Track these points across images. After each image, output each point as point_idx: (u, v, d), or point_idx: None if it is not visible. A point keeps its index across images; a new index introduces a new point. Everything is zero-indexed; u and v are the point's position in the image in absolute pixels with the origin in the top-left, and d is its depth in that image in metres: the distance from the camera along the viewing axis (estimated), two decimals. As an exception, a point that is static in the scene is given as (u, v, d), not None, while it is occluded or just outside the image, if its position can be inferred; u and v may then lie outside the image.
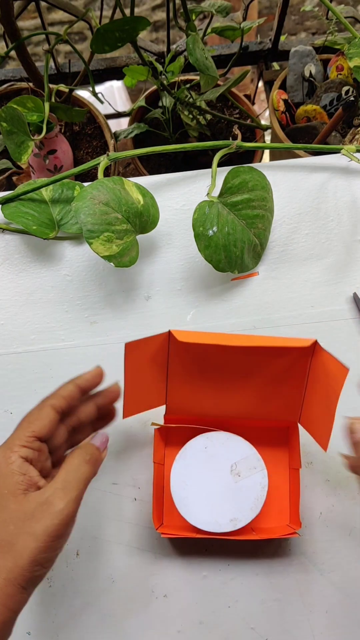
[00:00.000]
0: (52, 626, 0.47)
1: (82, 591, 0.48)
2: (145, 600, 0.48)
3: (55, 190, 0.55)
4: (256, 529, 0.47)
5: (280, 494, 0.48)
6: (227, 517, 0.45)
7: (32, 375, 0.52)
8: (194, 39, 0.63)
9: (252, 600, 0.47)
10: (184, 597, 0.48)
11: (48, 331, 0.53)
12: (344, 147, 0.53)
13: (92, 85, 0.77)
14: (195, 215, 0.48)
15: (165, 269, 0.54)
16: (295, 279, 0.54)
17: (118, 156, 0.53)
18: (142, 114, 0.93)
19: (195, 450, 0.47)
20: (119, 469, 0.50)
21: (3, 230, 0.56)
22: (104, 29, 0.58)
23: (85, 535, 0.49)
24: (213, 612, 0.47)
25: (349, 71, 0.81)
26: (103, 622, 0.47)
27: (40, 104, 0.65)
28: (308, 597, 0.47)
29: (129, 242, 0.48)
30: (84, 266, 0.54)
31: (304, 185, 0.57)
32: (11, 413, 0.51)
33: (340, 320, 0.53)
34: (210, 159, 0.53)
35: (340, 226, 0.55)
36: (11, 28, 0.64)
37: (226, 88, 0.82)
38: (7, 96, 0.88)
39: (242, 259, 0.51)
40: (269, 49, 0.98)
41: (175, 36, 1.54)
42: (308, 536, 0.48)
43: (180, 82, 0.91)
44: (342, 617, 0.47)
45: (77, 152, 0.86)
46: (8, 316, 0.53)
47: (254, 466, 0.46)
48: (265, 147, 0.61)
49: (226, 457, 0.46)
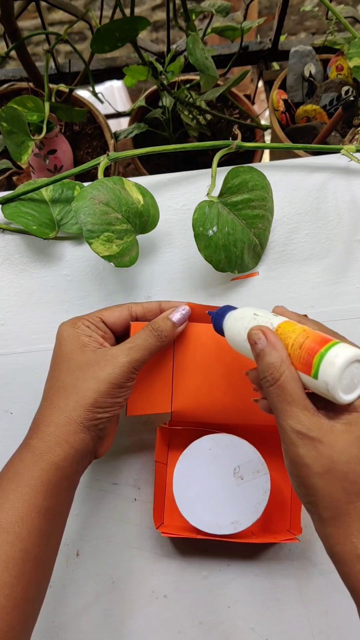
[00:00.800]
0: (52, 626, 0.47)
1: (82, 591, 0.48)
2: (145, 600, 0.48)
3: (55, 190, 0.55)
4: (256, 533, 0.47)
5: (282, 499, 0.48)
6: (228, 519, 0.45)
7: (32, 375, 0.52)
8: (194, 39, 0.63)
9: (252, 600, 0.47)
10: (184, 597, 0.48)
11: (48, 331, 0.53)
12: (344, 147, 0.53)
13: (92, 85, 0.77)
14: (195, 215, 0.48)
15: (165, 269, 0.54)
16: (295, 279, 0.54)
17: (118, 156, 0.53)
18: (142, 114, 0.93)
19: (199, 451, 0.46)
20: (119, 469, 0.50)
21: (3, 230, 0.56)
22: (104, 29, 0.58)
23: (85, 535, 0.49)
24: (213, 612, 0.47)
25: (349, 71, 0.81)
26: (103, 622, 0.47)
27: (40, 104, 0.65)
28: (308, 597, 0.47)
29: (129, 242, 0.48)
30: (84, 266, 0.54)
31: (304, 185, 0.57)
32: (11, 413, 0.51)
33: (340, 321, 0.53)
34: (210, 159, 0.53)
35: (340, 226, 0.55)
36: (11, 28, 0.64)
37: (226, 88, 0.82)
38: (7, 96, 0.87)
39: (242, 259, 0.51)
40: (269, 49, 0.98)
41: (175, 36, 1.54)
42: (308, 537, 0.48)
43: (180, 82, 0.91)
44: (342, 617, 0.47)
45: (77, 152, 0.86)
46: (8, 316, 0.53)
47: (257, 470, 0.46)
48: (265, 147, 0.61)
49: (230, 460, 0.46)
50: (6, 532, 0.34)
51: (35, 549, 0.34)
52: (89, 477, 0.50)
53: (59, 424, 0.37)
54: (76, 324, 0.42)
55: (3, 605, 0.32)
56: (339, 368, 0.31)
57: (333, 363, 0.31)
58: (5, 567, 0.33)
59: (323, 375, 0.31)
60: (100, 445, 0.41)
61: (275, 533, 0.47)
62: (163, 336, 0.42)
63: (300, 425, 0.32)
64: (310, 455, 0.32)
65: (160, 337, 0.41)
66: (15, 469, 0.36)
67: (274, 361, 0.33)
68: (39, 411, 0.39)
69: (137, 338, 0.41)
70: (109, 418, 0.39)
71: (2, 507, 0.35)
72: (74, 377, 0.39)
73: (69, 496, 0.39)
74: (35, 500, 0.35)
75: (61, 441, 0.37)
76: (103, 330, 0.43)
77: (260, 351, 0.34)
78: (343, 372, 0.31)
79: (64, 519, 0.39)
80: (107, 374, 0.38)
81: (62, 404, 0.38)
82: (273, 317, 0.36)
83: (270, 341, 0.34)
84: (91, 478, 0.50)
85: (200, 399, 0.46)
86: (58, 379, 0.40)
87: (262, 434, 0.49)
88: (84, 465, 0.40)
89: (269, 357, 0.33)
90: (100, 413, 0.38)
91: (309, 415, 0.32)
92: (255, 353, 0.34)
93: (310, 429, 0.32)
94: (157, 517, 0.46)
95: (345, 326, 0.52)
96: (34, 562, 0.34)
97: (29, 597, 0.34)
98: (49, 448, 0.37)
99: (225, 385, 0.46)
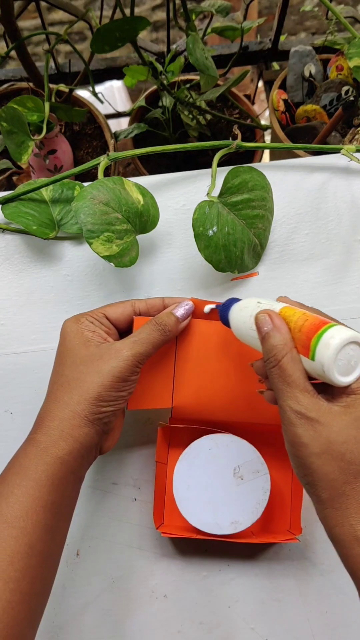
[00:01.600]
0: (52, 626, 0.47)
1: (82, 591, 0.48)
2: (145, 600, 0.48)
3: (55, 190, 0.55)
4: (256, 533, 0.47)
5: (282, 499, 0.48)
6: (228, 519, 0.45)
7: (32, 375, 0.52)
8: (194, 39, 0.63)
9: (252, 600, 0.47)
10: (184, 597, 0.48)
11: (48, 331, 0.53)
12: (344, 147, 0.53)
13: (92, 85, 0.77)
14: (195, 215, 0.48)
15: (165, 269, 0.54)
16: (295, 279, 0.54)
17: (118, 156, 0.53)
18: (142, 114, 0.93)
19: (200, 451, 0.46)
20: (119, 469, 0.50)
21: (3, 230, 0.56)
22: (104, 29, 0.58)
23: (85, 535, 0.49)
24: (213, 612, 0.47)
25: (349, 71, 0.81)
26: (103, 622, 0.47)
27: (40, 104, 0.65)
28: (308, 597, 0.47)
29: (129, 242, 0.48)
30: (84, 266, 0.54)
31: (304, 185, 0.57)
32: (11, 413, 0.51)
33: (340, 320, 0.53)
34: (210, 159, 0.53)
35: (340, 226, 0.55)
36: (11, 28, 0.64)
37: (226, 88, 0.82)
38: (7, 96, 0.88)
39: (242, 259, 0.51)
40: (269, 49, 0.98)
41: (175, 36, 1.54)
42: (308, 536, 0.48)
43: (180, 82, 0.91)
44: (342, 617, 0.47)
45: (77, 152, 0.86)
46: (8, 316, 0.53)
47: (257, 470, 0.46)
48: (265, 147, 0.61)
49: (230, 460, 0.46)
50: (11, 527, 0.34)
51: (40, 543, 0.34)
52: (89, 476, 0.50)
53: (64, 418, 0.38)
54: (80, 319, 0.42)
55: (9, 600, 0.32)
56: (334, 349, 0.31)
57: (328, 344, 0.31)
58: (11, 561, 0.33)
59: (319, 357, 0.32)
60: (106, 439, 0.41)
61: (275, 533, 0.47)
62: (167, 330, 0.42)
63: (299, 405, 0.33)
64: (308, 434, 0.32)
65: (164, 332, 0.42)
66: (20, 463, 0.36)
67: (277, 343, 0.34)
68: (44, 406, 0.40)
69: (141, 332, 0.41)
70: (113, 412, 0.39)
71: (7, 501, 0.35)
72: (78, 371, 0.39)
73: (74, 490, 0.39)
74: (40, 495, 0.35)
75: (65, 435, 0.37)
76: (107, 325, 0.43)
77: (265, 334, 0.35)
78: (338, 353, 0.31)
79: (69, 514, 0.39)
80: (111, 367, 0.39)
81: (66, 398, 0.38)
82: (275, 304, 0.37)
83: (275, 324, 0.35)
84: (91, 478, 0.50)
85: (201, 395, 0.46)
86: (62, 373, 0.40)
87: (262, 434, 0.49)
88: (89, 459, 0.40)
89: (273, 339, 0.34)
90: (104, 407, 0.38)
91: (309, 396, 0.33)
92: (261, 336, 0.35)
93: (309, 410, 0.32)
94: (157, 517, 0.46)
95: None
96: (40, 556, 0.34)
97: (35, 592, 0.34)
98: (53, 442, 0.37)
99: (226, 382, 0.46)
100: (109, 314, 0.43)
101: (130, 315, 0.44)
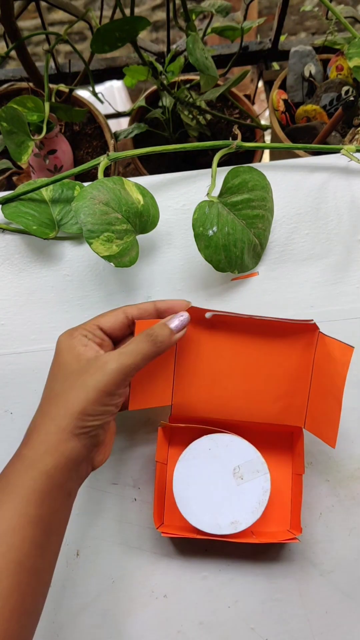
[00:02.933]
0: (52, 626, 0.47)
1: (82, 591, 0.48)
2: (145, 600, 0.48)
3: (55, 190, 0.55)
4: (256, 533, 0.47)
5: (282, 499, 0.48)
6: (228, 519, 0.45)
7: (32, 375, 0.52)
8: (194, 39, 0.63)
9: (252, 600, 0.47)
10: (184, 597, 0.48)
11: (48, 331, 0.53)
12: (344, 147, 0.53)
13: (92, 85, 0.77)
14: (195, 215, 0.48)
15: (165, 269, 0.54)
16: (295, 279, 0.54)
17: (118, 156, 0.53)
18: (142, 114, 0.93)
19: (199, 451, 0.47)
20: (119, 469, 0.50)
21: (3, 230, 0.56)
22: (104, 29, 0.58)
23: (85, 535, 0.49)
24: (213, 612, 0.47)
25: (349, 71, 0.81)
26: (103, 622, 0.47)
27: (40, 104, 0.65)
28: (308, 597, 0.47)
29: (129, 242, 0.48)
30: (84, 266, 0.54)
31: (304, 185, 0.57)
32: (11, 413, 0.51)
33: (340, 321, 0.53)
34: (210, 159, 0.53)
35: (340, 226, 0.55)
36: (11, 28, 0.64)
37: (226, 88, 0.82)
38: (7, 96, 0.88)
39: (242, 259, 0.51)
40: (269, 49, 0.98)
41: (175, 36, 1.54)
42: (308, 536, 0.48)
43: (180, 82, 0.91)
44: (342, 617, 0.47)
45: (77, 152, 0.86)
46: (8, 316, 0.53)
47: (257, 470, 0.46)
48: (265, 147, 0.61)
49: (230, 460, 0.46)
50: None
51: (29, 559, 0.34)
52: (89, 477, 0.50)
53: (49, 432, 0.37)
54: (73, 334, 0.41)
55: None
56: None
57: None
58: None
59: None
60: (97, 453, 0.41)
61: (275, 533, 0.47)
62: (158, 342, 0.41)
63: None
64: None
65: (155, 343, 0.41)
66: (7, 479, 0.36)
67: None
68: (32, 420, 0.39)
69: (130, 343, 0.40)
70: (99, 425, 0.39)
71: None
72: (67, 385, 0.39)
73: (63, 505, 0.38)
74: (27, 510, 0.35)
75: (51, 449, 0.37)
76: (100, 337, 0.42)
77: None
78: None
79: (59, 529, 0.38)
80: (96, 381, 0.38)
81: (53, 412, 0.38)
82: None
83: None
84: (91, 478, 0.50)
85: (201, 392, 0.47)
86: (52, 388, 0.40)
87: (262, 434, 0.49)
88: (78, 474, 0.39)
89: None
90: (90, 421, 0.38)
91: None
92: None
93: None
94: (157, 517, 0.46)
95: (345, 326, 0.52)
96: (29, 572, 0.34)
97: (25, 608, 0.33)
98: (39, 456, 0.36)
99: (226, 380, 0.46)
100: (102, 325, 0.42)
101: (123, 323, 0.43)
